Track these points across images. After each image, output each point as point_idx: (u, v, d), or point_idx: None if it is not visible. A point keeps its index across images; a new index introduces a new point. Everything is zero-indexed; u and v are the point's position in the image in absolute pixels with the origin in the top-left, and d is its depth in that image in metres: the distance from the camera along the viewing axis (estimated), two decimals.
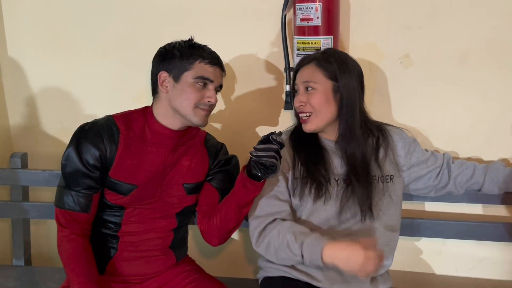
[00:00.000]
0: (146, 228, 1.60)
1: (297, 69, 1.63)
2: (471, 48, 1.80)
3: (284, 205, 1.56)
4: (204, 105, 1.53)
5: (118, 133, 1.54)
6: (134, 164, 1.55)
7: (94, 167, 1.52)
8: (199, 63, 1.51)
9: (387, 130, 1.68)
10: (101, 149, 1.52)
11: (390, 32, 1.83)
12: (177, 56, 1.52)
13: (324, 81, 1.55)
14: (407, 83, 1.86)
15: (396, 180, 1.63)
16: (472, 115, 1.85)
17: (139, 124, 1.58)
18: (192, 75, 1.51)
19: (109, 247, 1.60)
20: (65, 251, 1.52)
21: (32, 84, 2.09)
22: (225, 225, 1.59)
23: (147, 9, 1.95)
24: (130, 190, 1.55)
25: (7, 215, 2.06)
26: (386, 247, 1.61)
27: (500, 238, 1.86)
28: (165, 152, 1.58)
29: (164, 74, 1.54)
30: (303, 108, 1.57)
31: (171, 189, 1.60)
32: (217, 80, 1.54)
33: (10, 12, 2.03)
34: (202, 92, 1.52)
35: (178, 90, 1.52)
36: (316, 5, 1.72)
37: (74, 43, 2.02)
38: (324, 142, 1.62)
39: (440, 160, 1.72)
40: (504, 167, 1.73)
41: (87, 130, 1.54)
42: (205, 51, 1.54)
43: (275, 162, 1.41)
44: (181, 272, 1.67)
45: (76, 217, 1.53)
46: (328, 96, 1.55)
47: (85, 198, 1.53)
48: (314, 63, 1.58)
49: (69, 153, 1.53)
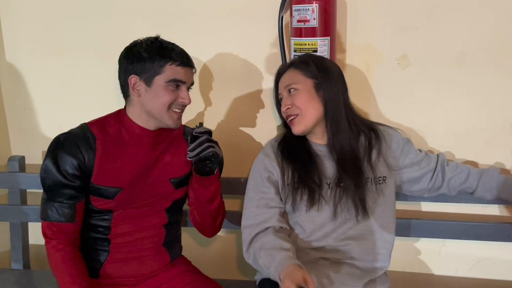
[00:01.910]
0: (137, 227, 1.60)
1: (277, 79, 1.67)
2: (468, 49, 1.80)
3: (272, 212, 1.56)
4: (177, 106, 1.53)
5: (94, 139, 1.54)
6: (115, 167, 1.55)
7: (73, 176, 1.51)
8: (170, 66, 1.50)
9: (380, 130, 1.67)
10: (79, 157, 1.51)
11: (387, 33, 1.83)
12: (147, 59, 1.51)
13: (304, 80, 1.58)
14: (404, 84, 1.86)
15: (388, 181, 1.62)
16: (468, 116, 1.85)
17: (114, 128, 1.58)
18: (164, 79, 1.50)
19: (101, 251, 1.60)
20: (53, 261, 1.53)
21: (30, 87, 2.09)
22: (203, 221, 1.65)
23: (145, 12, 1.95)
24: (115, 193, 1.55)
25: (5, 219, 2.06)
26: (383, 250, 1.60)
27: (499, 238, 1.85)
28: (145, 151, 1.58)
29: (134, 77, 1.53)
30: (290, 111, 1.58)
31: (159, 187, 1.61)
32: (189, 80, 1.55)
33: (7, 17, 2.04)
34: (175, 94, 1.52)
35: (151, 94, 1.52)
36: (313, 7, 1.72)
37: (72, 46, 2.02)
38: (314, 147, 1.62)
39: (433, 162, 1.71)
40: (498, 174, 1.71)
41: (62, 141, 1.54)
42: (175, 52, 1.52)
43: (213, 150, 1.46)
44: (177, 274, 1.67)
45: (61, 228, 1.53)
46: (311, 93, 1.57)
47: (68, 208, 1.53)
48: (292, 68, 1.62)
49: (46, 166, 1.53)
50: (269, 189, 1.58)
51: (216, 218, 1.67)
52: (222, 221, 1.73)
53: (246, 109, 1.98)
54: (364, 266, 1.58)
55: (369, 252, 1.58)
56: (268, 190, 1.57)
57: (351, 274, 1.55)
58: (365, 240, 1.58)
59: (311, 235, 1.57)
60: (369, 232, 1.58)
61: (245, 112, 1.99)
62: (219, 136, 1.77)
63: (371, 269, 1.59)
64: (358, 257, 1.57)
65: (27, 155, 2.09)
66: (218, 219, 1.69)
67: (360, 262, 1.57)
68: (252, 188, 1.61)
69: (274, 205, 1.57)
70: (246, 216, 1.59)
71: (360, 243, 1.57)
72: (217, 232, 1.75)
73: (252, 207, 1.58)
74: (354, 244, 1.56)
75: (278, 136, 1.71)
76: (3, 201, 2.10)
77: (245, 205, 1.61)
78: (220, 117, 2.00)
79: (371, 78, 1.86)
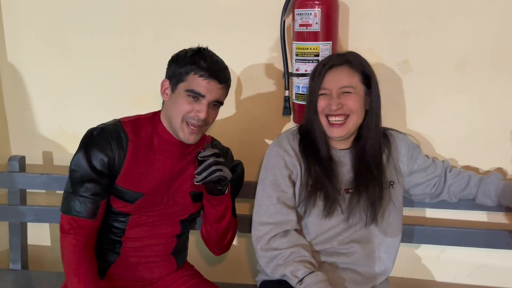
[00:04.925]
0: (150, 234, 1.59)
1: (325, 71, 1.53)
2: (469, 54, 1.80)
3: (291, 213, 1.54)
4: (192, 119, 1.48)
5: (127, 140, 1.51)
6: (141, 172, 1.53)
7: (101, 173, 1.50)
8: (193, 75, 1.47)
9: (392, 135, 1.67)
10: (110, 155, 1.49)
11: (389, 38, 1.83)
12: (178, 64, 1.50)
13: (360, 85, 1.54)
14: (405, 89, 1.86)
15: (396, 186, 1.62)
16: (470, 121, 1.85)
17: (147, 131, 1.56)
18: (184, 87, 1.48)
19: (111, 252, 1.59)
20: (67, 256, 1.49)
21: (31, 88, 2.09)
22: (210, 238, 1.64)
23: (147, 15, 1.95)
24: (136, 198, 1.53)
25: (5, 219, 2.05)
26: (384, 254, 1.60)
27: (498, 246, 1.85)
28: (172, 160, 1.56)
29: (166, 81, 1.53)
30: (340, 111, 1.51)
31: (178, 197, 1.59)
32: (210, 95, 1.48)
33: (9, 18, 2.04)
34: (192, 105, 1.48)
35: (173, 100, 1.51)
36: (315, 11, 1.72)
37: (73, 47, 2.03)
38: (333, 152, 1.59)
39: (439, 169, 1.71)
40: (499, 180, 1.71)
41: (95, 135, 1.51)
42: (205, 62, 1.47)
43: (220, 173, 1.43)
44: (181, 277, 1.67)
45: (81, 223, 1.50)
46: (362, 100, 1.53)
47: (92, 203, 1.50)
48: (347, 66, 1.54)
49: (78, 159, 1.50)
50: (289, 188, 1.55)
51: (223, 238, 1.64)
52: (231, 241, 1.69)
53: (249, 112, 1.98)
54: (366, 271, 1.58)
55: (371, 256, 1.58)
56: (288, 189, 1.55)
57: (353, 280, 1.55)
58: (368, 243, 1.58)
59: (316, 237, 1.56)
60: (372, 236, 1.58)
61: (247, 115, 1.99)
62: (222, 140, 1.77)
63: (372, 274, 1.59)
64: (360, 261, 1.57)
65: (27, 155, 2.09)
66: (226, 239, 1.65)
67: (361, 267, 1.57)
68: (270, 184, 1.55)
69: (291, 205, 1.55)
70: (261, 213, 1.54)
71: (363, 246, 1.57)
72: (225, 251, 1.71)
73: (271, 204, 1.54)
74: (358, 247, 1.56)
75: (292, 130, 1.64)
76: (3, 201, 2.09)
77: (260, 200, 1.56)
78: (222, 120, 2.00)
79: None
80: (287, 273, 1.46)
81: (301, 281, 1.43)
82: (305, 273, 1.43)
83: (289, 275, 1.45)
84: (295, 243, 1.50)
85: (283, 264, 1.47)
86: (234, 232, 1.69)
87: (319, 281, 1.42)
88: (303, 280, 1.42)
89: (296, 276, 1.44)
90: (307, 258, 1.48)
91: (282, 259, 1.48)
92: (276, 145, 1.60)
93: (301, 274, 1.43)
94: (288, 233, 1.52)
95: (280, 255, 1.48)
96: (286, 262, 1.47)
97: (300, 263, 1.46)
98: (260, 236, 1.53)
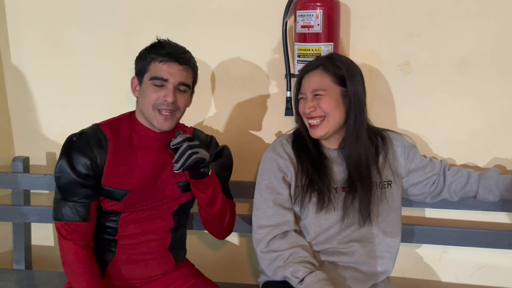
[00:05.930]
0: (144, 229, 1.61)
1: (301, 75, 1.60)
2: (470, 56, 1.80)
3: (289, 214, 1.56)
4: (161, 105, 1.50)
5: (106, 140, 1.54)
6: (124, 169, 1.55)
7: (87, 176, 1.52)
8: (154, 63, 1.51)
9: (387, 135, 1.68)
10: (92, 158, 1.52)
11: (390, 39, 1.84)
12: (140, 58, 1.55)
13: (333, 87, 1.54)
14: (406, 89, 1.86)
15: (394, 186, 1.63)
16: (471, 122, 1.86)
17: (125, 130, 1.59)
18: (148, 77, 1.51)
19: (107, 251, 1.60)
20: (69, 263, 1.52)
21: (34, 89, 2.11)
22: (208, 224, 1.66)
23: (150, 15, 1.96)
24: (123, 195, 1.55)
25: (8, 219, 2.06)
26: (385, 254, 1.61)
27: (500, 246, 1.85)
28: (153, 154, 1.58)
29: (134, 79, 1.57)
30: (314, 113, 1.54)
31: (167, 190, 1.61)
32: (173, 78, 1.50)
33: (14, 18, 2.05)
34: (159, 93, 1.50)
35: (142, 93, 1.54)
36: (317, 12, 1.73)
37: (76, 48, 2.04)
38: (325, 150, 1.62)
39: (437, 168, 1.72)
40: (498, 174, 1.72)
41: (75, 141, 1.54)
42: (163, 49, 1.51)
43: (197, 156, 1.42)
44: (181, 276, 1.68)
45: (77, 227, 1.52)
46: (337, 100, 1.54)
47: (83, 207, 1.52)
48: (321, 69, 1.56)
49: (61, 165, 1.53)
50: (284, 190, 1.57)
51: (221, 221, 1.65)
52: (232, 222, 1.70)
53: (251, 113, 1.99)
54: (367, 270, 1.59)
55: (372, 255, 1.59)
56: (283, 191, 1.57)
57: (355, 278, 1.56)
58: (368, 243, 1.59)
59: (316, 237, 1.57)
60: (371, 236, 1.59)
61: (249, 116, 1.99)
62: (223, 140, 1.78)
63: (373, 273, 1.60)
64: (361, 260, 1.58)
65: (31, 156, 2.10)
66: (225, 222, 1.65)
67: (363, 266, 1.58)
68: (265, 188, 1.58)
69: (288, 206, 1.57)
70: (260, 216, 1.57)
71: (364, 245, 1.58)
72: (228, 234, 1.72)
73: (267, 207, 1.56)
74: (358, 246, 1.57)
75: (286, 135, 1.68)
76: (7, 201, 2.11)
77: (258, 205, 1.59)
78: (224, 121, 2.01)
79: (374, 84, 1.87)
80: (287, 275, 1.47)
81: (301, 281, 1.44)
82: (305, 273, 1.44)
83: (290, 276, 1.47)
84: (294, 244, 1.51)
85: (283, 266, 1.49)
86: (232, 214, 1.69)
87: (319, 280, 1.43)
88: (303, 280, 1.44)
89: (297, 277, 1.45)
90: (306, 258, 1.49)
91: (282, 260, 1.49)
92: (270, 150, 1.63)
93: (301, 275, 1.45)
94: (287, 234, 1.53)
95: (280, 257, 1.50)
96: (286, 264, 1.48)
97: (300, 263, 1.47)
98: (260, 239, 1.55)
